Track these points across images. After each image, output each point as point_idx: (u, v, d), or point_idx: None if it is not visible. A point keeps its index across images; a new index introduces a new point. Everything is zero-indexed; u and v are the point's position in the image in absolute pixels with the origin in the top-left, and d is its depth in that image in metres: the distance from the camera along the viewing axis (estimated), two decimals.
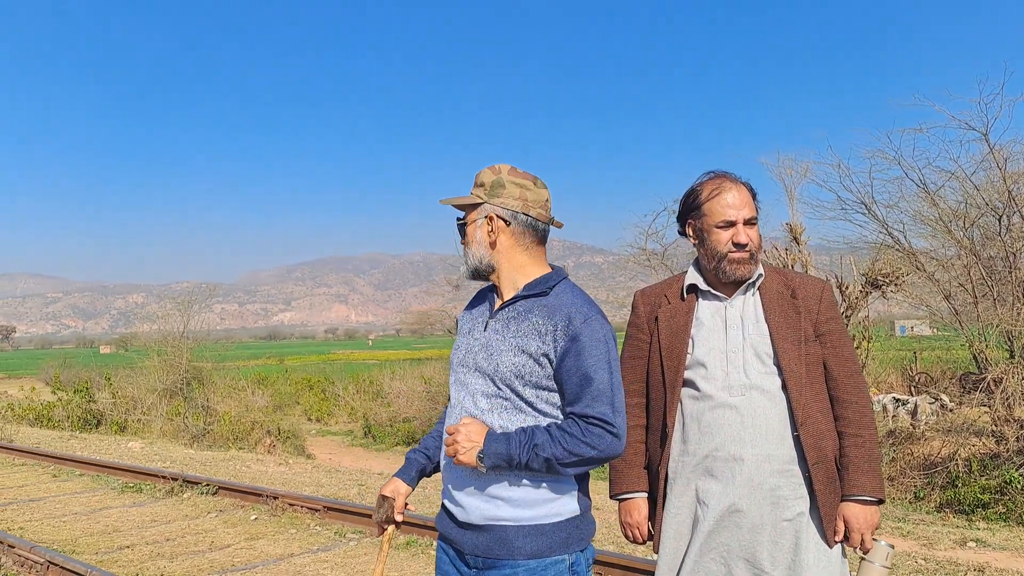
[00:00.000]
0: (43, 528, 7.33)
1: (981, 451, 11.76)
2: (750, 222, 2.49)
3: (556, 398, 2.12)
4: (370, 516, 7.14)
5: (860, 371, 2.53)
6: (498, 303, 2.26)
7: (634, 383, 2.67)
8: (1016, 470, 10.49)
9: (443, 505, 2.31)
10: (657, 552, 2.59)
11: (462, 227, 2.30)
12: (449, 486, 2.24)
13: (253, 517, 7.61)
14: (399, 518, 2.35)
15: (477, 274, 2.27)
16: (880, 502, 2.45)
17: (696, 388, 2.50)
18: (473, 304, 2.40)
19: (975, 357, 12.63)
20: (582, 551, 2.15)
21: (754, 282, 2.54)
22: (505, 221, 2.19)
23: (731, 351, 2.47)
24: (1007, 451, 11.22)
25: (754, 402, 2.43)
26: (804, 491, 2.43)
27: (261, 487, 8.58)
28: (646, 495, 2.63)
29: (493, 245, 2.21)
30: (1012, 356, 12.35)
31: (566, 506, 2.13)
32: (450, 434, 2.12)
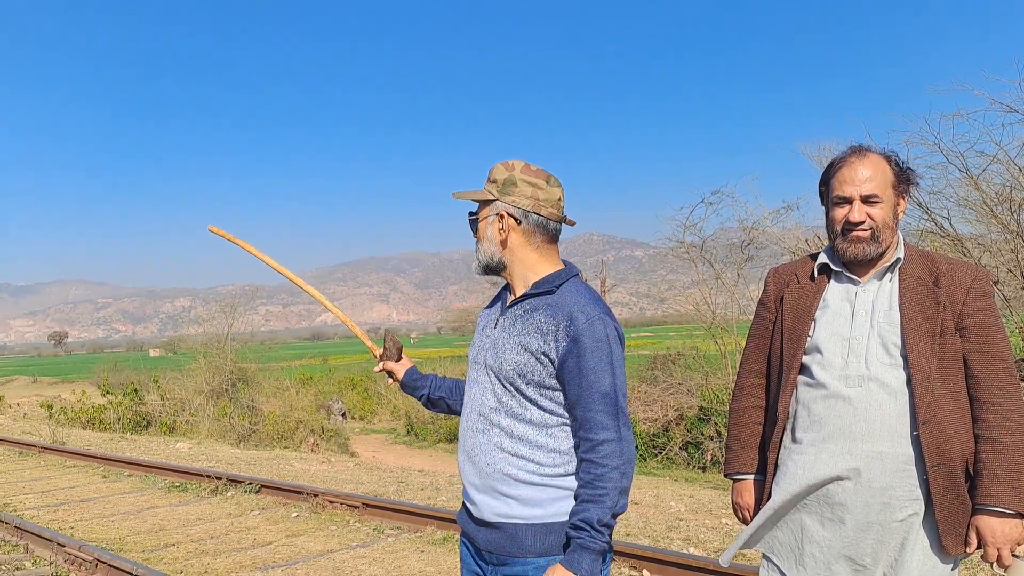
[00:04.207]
0: (92, 527, 7.54)
1: None
2: (871, 199, 2.30)
3: (561, 396, 2.10)
4: (408, 512, 7.22)
5: (1011, 371, 2.27)
6: (509, 300, 2.26)
7: (756, 363, 2.60)
8: None
9: (463, 501, 2.34)
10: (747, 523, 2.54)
11: (473, 222, 2.28)
12: (465, 483, 2.26)
13: (294, 514, 7.74)
14: (387, 364, 2.61)
15: (488, 270, 2.26)
16: (1022, 516, 2.21)
17: (811, 375, 2.37)
18: (492, 302, 2.40)
19: None
20: None
21: (892, 265, 2.37)
22: (516, 219, 2.17)
23: (854, 339, 2.32)
24: None
25: (871, 395, 2.26)
26: (919, 493, 2.26)
27: (302, 485, 8.72)
28: (761, 478, 2.54)
29: (504, 243, 2.20)
30: None
31: (571, 505, 2.12)
32: None
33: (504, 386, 2.14)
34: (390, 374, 2.62)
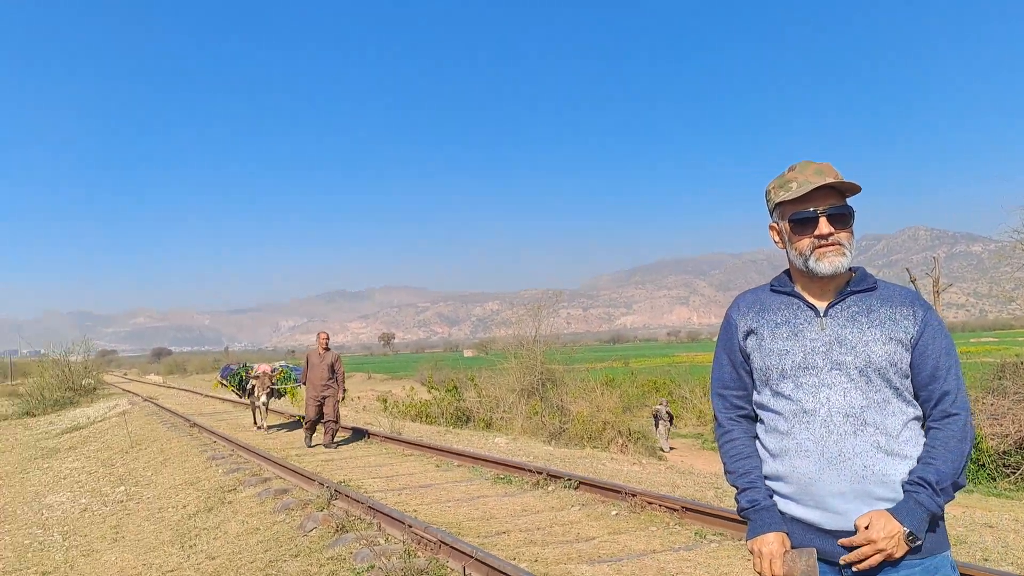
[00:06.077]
0: (431, 511, 8.19)
1: None
2: None
3: (910, 383, 2.16)
4: (732, 519, 6.96)
5: None
6: (819, 302, 2.22)
7: None
8: None
9: (785, 515, 2.20)
10: None
11: (851, 217, 2.23)
12: (817, 494, 2.13)
13: (614, 512, 7.81)
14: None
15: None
16: None
17: None
18: (756, 309, 2.32)
19: None
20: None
21: None
22: None
23: None
24: None
25: None
26: None
27: (620, 484, 8.79)
28: None
29: None
30: None
31: None
32: (863, 544, 2.02)
33: (870, 380, 2.12)
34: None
